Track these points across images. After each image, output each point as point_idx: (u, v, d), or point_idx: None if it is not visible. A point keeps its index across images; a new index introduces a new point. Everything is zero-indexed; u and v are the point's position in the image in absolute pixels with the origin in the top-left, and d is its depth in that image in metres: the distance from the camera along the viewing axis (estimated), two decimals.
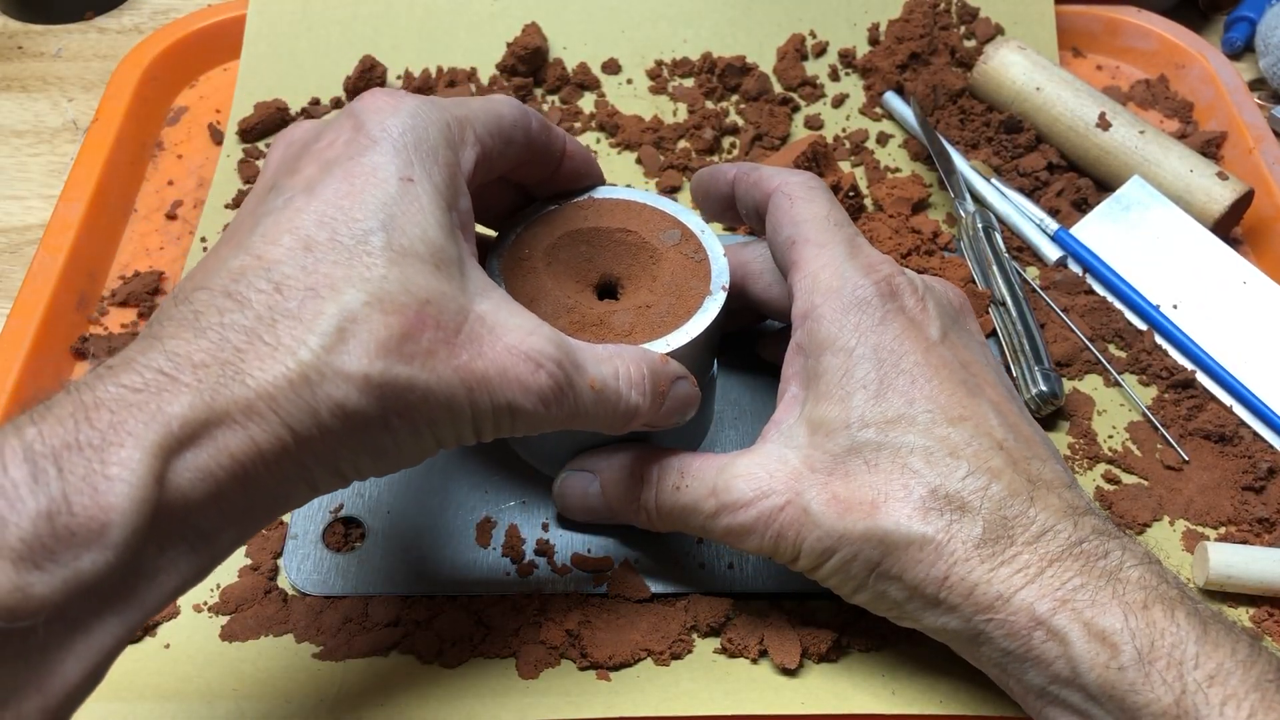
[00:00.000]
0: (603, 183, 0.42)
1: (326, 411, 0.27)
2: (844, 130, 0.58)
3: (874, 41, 0.61)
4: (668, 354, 0.36)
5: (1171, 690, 0.29)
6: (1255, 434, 0.46)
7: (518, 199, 0.41)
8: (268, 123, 0.57)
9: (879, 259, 0.36)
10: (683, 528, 0.36)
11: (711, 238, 0.40)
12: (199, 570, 0.27)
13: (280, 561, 0.41)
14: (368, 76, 0.59)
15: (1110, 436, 0.46)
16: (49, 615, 0.23)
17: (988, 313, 0.49)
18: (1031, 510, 0.32)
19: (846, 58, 0.61)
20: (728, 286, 0.38)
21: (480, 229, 0.39)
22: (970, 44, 0.60)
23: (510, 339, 0.30)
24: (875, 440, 0.33)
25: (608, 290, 0.40)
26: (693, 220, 0.40)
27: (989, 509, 0.32)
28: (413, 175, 0.30)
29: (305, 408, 0.26)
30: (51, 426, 0.24)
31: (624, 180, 0.56)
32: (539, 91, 0.60)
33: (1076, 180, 0.55)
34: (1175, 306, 0.49)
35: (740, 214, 0.41)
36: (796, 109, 0.59)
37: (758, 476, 0.34)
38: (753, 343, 0.46)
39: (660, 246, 0.40)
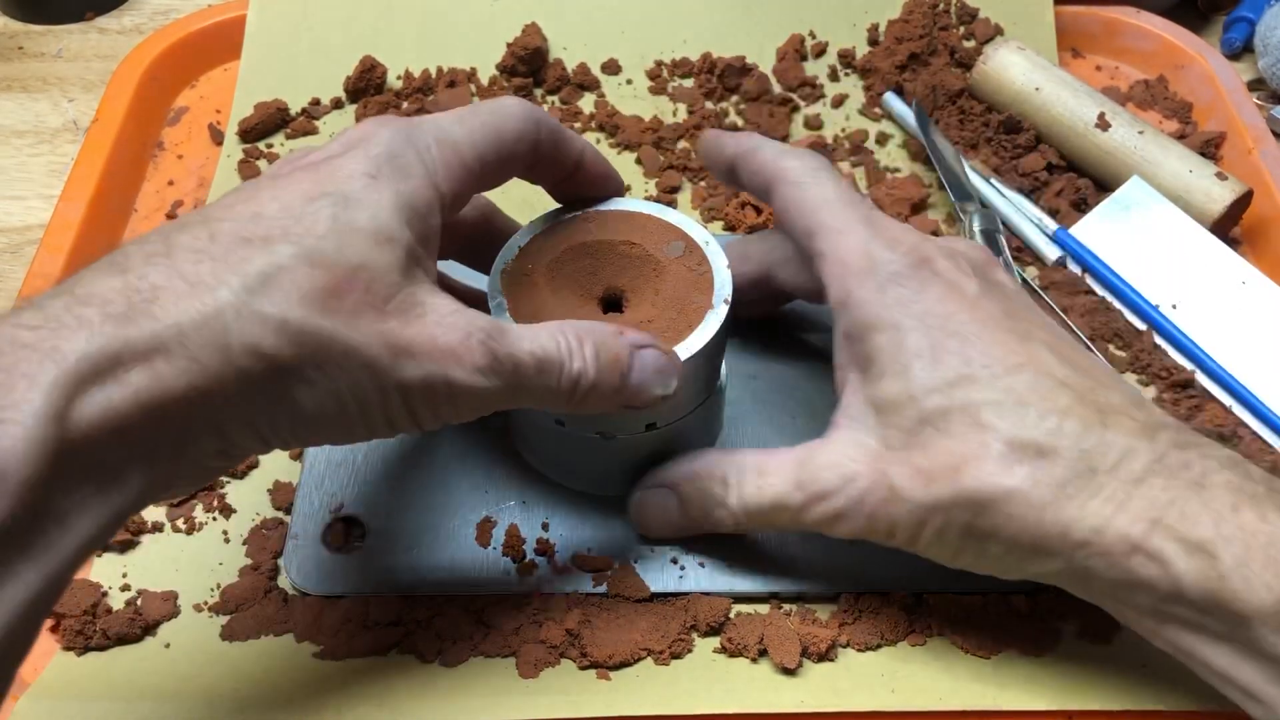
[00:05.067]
0: (622, 193, 0.41)
1: (241, 351, 0.26)
2: (844, 130, 0.58)
3: (874, 42, 0.61)
4: None
5: (1272, 590, 0.29)
6: (1254, 434, 0.46)
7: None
8: (268, 123, 0.57)
9: (901, 230, 0.36)
10: (771, 525, 0.36)
11: (716, 250, 0.40)
12: (114, 515, 0.26)
13: (280, 561, 0.41)
14: (368, 77, 0.59)
15: None
16: None
17: None
18: (1107, 437, 0.32)
19: (846, 58, 0.61)
20: (730, 299, 0.38)
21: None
22: (970, 44, 0.60)
23: (438, 315, 0.30)
24: (942, 405, 0.33)
25: (612, 304, 0.40)
26: (697, 232, 0.40)
27: (1067, 447, 0.32)
28: (377, 175, 0.31)
29: (218, 345, 0.26)
30: None
31: (623, 180, 0.56)
32: (539, 92, 0.60)
33: (1076, 180, 0.55)
34: (1175, 306, 0.49)
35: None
36: (796, 109, 0.59)
37: (840, 464, 0.34)
38: (756, 341, 0.46)
39: (664, 259, 0.39)
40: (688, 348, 0.37)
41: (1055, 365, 0.34)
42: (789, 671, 0.37)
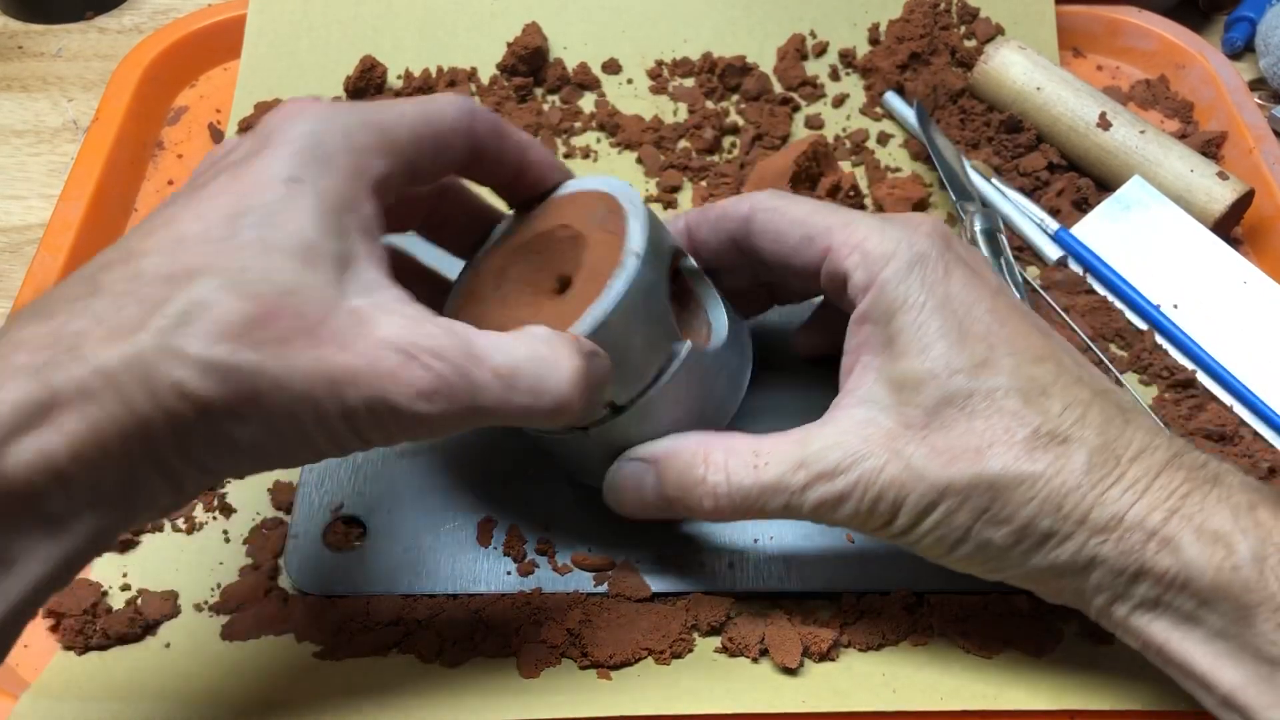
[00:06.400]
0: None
1: (167, 393, 0.26)
2: (844, 130, 0.58)
3: (874, 41, 0.61)
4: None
5: None
6: (1255, 434, 0.46)
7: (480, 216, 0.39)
8: None
9: (916, 216, 0.36)
10: (757, 511, 0.34)
11: (633, 202, 0.36)
12: (66, 558, 0.26)
13: (281, 561, 0.41)
14: (368, 76, 0.59)
15: None
16: None
17: None
18: (1128, 431, 0.32)
19: (847, 58, 0.61)
20: (641, 252, 0.34)
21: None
22: (970, 44, 0.60)
23: (384, 332, 0.28)
24: (966, 387, 0.32)
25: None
26: (619, 189, 0.37)
27: (1090, 436, 0.32)
28: (302, 177, 0.29)
29: (145, 388, 0.26)
30: None
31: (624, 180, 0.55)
32: (539, 91, 0.60)
33: (1077, 180, 0.55)
34: (1175, 306, 0.49)
35: (702, 258, 0.39)
36: (797, 109, 0.59)
37: (849, 443, 0.33)
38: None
39: (586, 232, 0.36)
40: (593, 317, 0.33)
41: (1073, 364, 0.34)
42: (790, 671, 0.37)
